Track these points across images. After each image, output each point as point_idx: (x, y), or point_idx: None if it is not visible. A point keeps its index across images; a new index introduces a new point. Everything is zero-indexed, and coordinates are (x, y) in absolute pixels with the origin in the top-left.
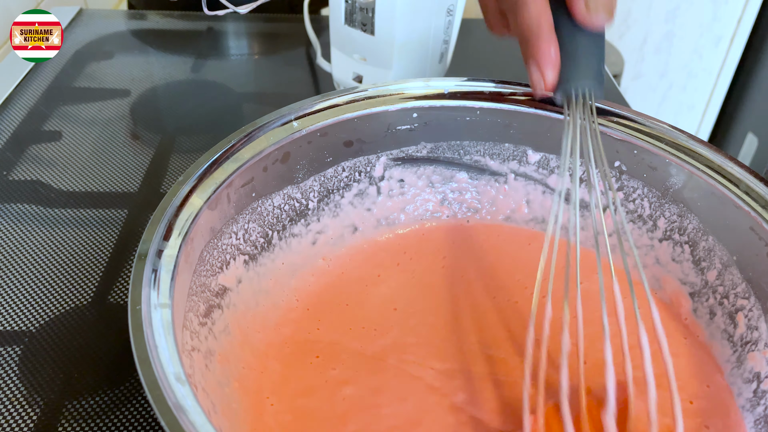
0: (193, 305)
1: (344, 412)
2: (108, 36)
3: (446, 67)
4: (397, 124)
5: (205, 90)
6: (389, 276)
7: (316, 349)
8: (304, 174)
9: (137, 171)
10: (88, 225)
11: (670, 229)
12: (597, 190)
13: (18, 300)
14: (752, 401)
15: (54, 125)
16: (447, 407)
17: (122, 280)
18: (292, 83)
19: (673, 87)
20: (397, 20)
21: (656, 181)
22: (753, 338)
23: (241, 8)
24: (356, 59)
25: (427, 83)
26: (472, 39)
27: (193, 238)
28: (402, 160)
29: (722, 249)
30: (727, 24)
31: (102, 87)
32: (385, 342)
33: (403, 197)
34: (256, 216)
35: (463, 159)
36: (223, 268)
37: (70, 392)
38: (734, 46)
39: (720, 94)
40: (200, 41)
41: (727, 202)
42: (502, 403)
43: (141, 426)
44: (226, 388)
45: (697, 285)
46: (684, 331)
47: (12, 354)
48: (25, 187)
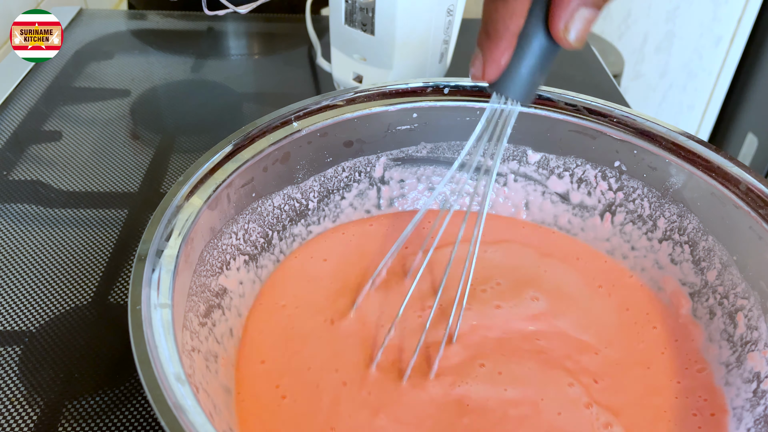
0: (193, 305)
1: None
2: (108, 36)
3: (446, 67)
4: (397, 124)
5: (205, 90)
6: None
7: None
8: (304, 174)
9: (137, 171)
10: (88, 225)
11: (670, 229)
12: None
13: (18, 300)
14: (752, 401)
15: (54, 125)
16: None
17: (122, 280)
18: (292, 83)
19: (673, 87)
20: (397, 20)
21: (656, 181)
22: (753, 338)
23: (241, 8)
24: (356, 59)
25: (427, 83)
26: (472, 39)
27: (193, 238)
28: (402, 160)
29: (722, 249)
30: (727, 24)
31: (102, 87)
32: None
33: (403, 198)
34: (256, 216)
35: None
36: (223, 268)
37: (70, 392)
38: (734, 46)
39: (720, 94)
40: (200, 41)
41: (727, 202)
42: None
43: (141, 426)
44: (227, 389)
45: (697, 285)
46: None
47: (12, 354)
48: (25, 187)
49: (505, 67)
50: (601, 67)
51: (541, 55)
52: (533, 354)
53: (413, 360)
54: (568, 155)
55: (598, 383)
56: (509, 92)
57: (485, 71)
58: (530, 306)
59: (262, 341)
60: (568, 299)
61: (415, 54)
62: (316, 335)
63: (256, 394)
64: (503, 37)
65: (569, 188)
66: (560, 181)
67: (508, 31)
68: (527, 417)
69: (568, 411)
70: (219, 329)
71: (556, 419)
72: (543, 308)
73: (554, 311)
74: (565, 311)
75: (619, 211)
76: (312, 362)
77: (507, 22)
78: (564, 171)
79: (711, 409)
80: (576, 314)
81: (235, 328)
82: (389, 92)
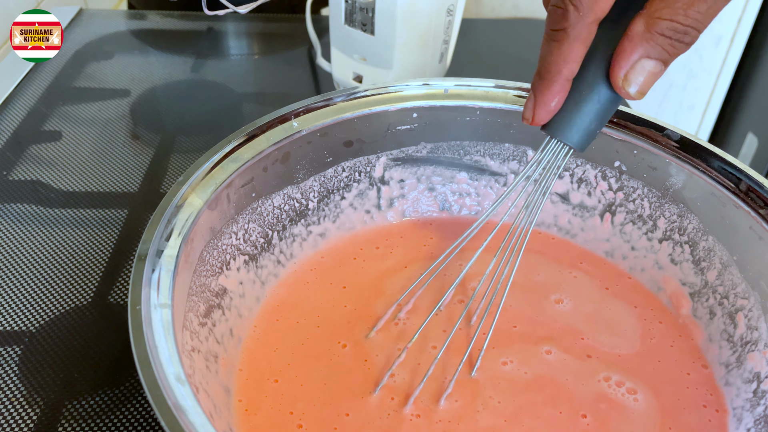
0: (193, 305)
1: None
2: (108, 36)
3: (446, 67)
4: (397, 124)
5: (205, 90)
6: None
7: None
8: (304, 174)
9: (137, 171)
10: (88, 225)
11: (670, 229)
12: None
13: (18, 300)
14: (752, 401)
15: (54, 125)
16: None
17: (122, 280)
18: (292, 83)
19: (673, 87)
20: (397, 20)
21: (656, 181)
22: (753, 338)
23: (241, 8)
24: (356, 59)
25: (427, 83)
26: (472, 39)
27: (193, 238)
28: (402, 161)
29: (722, 249)
30: (727, 24)
31: (102, 87)
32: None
33: (403, 198)
34: (256, 216)
35: (463, 159)
36: (223, 268)
37: (70, 392)
38: (734, 46)
39: (720, 94)
40: (200, 41)
41: (727, 202)
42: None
43: (141, 426)
44: (227, 389)
45: (697, 285)
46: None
47: (12, 354)
48: (25, 187)
49: (554, 112)
50: None
51: (599, 103)
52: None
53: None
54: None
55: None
56: (562, 136)
57: (535, 113)
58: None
59: (277, 358)
60: (585, 301)
61: (415, 54)
62: (327, 357)
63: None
64: (555, 81)
65: (569, 188)
66: (560, 181)
67: (561, 75)
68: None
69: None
70: (219, 329)
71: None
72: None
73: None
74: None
75: (619, 211)
76: (324, 385)
77: (560, 66)
78: (564, 171)
79: (714, 407)
80: (594, 318)
81: (236, 329)
82: (389, 92)
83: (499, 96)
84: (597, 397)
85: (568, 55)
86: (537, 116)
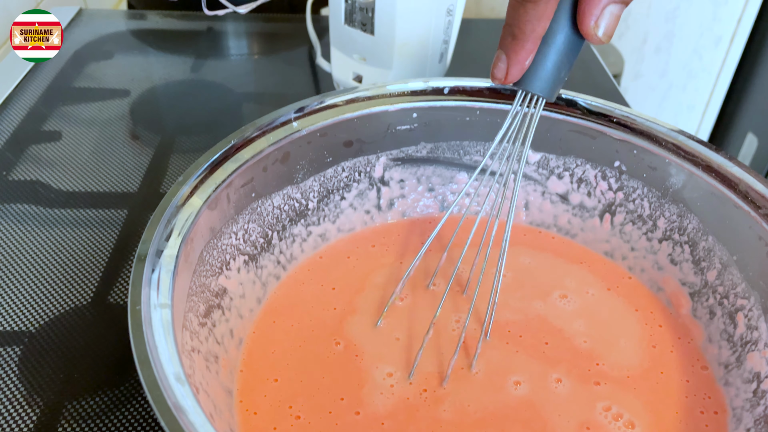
0: (193, 305)
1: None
2: (108, 36)
3: (446, 67)
4: (397, 124)
5: (205, 90)
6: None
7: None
8: (304, 174)
9: (137, 171)
10: (88, 225)
11: (670, 229)
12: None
13: (18, 300)
14: (752, 401)
15: (54, 125)
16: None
17: (122, 280)
18: (292, 83)
19: (673, 87)
20: (397, 20)
21: (656, 181)
22: (753, 338)
23: (241, 8)
24: (356, 59)
25: (427, 83)
26: (472, 39)
27: (193, 238)
28: (402, 161)
29: (722, 249)
30: (727, 24)
31: (102, 87)
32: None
33: (403, 199)
34: (256, 216)
35: (463, 159)
36: (223, 268)
37: (70, 392)
38: (734, 46)
39: (720, 94)
40: (200, 41)
41: (727, 202)
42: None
43: (141, 426)
44: (227, 390)
45: (697, 285)
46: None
47: (12, 354)
48: (25, 187)
49: (526, 68)
50: (601, 67)
51: (566, 51)
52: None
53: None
54: (568, 155)
55: (621, 385)
56: (536, 88)
57: (509, 72)
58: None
59: (275, 360)
60: (587, 301)
61: (415, 54)
62: (324, 357)
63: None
64: (529, 39)
65: (569, 188)
66: (560, 182)
67: (535, 33)
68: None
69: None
70: (219, 330)
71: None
72: (572, 308)
73: (575, 316)
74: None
75: (618, 211)
76: (322, 385)
77: (534, 24)
78: (564, 171)
79: (713, 408)
80: (593, 318)
81: (236, 329)
82: (389, 92)
83: (499, 96)
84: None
85: (543, 13)
86: (510, 75)
